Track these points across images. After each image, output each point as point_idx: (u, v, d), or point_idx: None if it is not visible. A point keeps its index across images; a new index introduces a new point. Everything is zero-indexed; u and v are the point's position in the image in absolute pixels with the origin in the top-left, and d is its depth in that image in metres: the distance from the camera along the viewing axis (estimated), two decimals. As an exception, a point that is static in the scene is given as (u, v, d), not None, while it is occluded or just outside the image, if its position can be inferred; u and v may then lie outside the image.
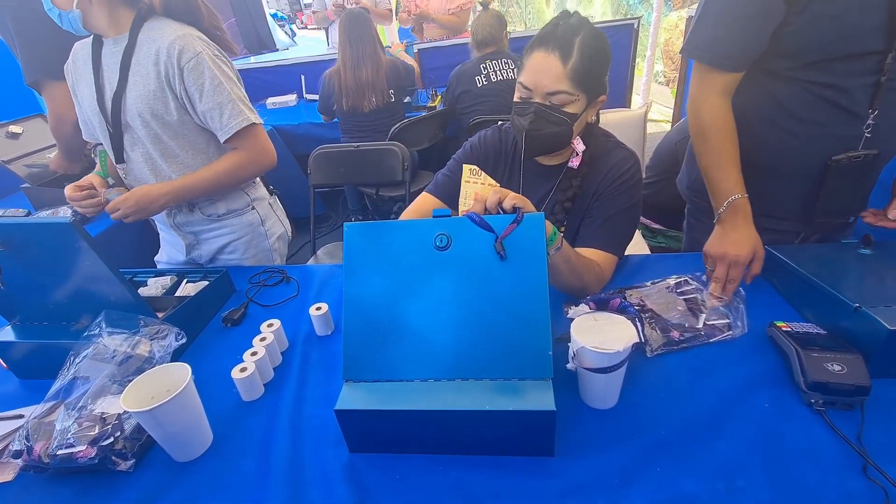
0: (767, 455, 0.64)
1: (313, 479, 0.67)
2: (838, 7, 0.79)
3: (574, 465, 0.65)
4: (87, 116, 1.19)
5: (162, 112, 1.12)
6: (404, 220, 0.75)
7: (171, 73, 1.08)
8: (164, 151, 1.17)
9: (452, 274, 0.70)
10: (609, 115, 1.85)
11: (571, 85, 0.88)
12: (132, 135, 1.16)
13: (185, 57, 1.07)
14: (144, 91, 1.10)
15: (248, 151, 1.20)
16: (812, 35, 0.83)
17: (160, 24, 1.11)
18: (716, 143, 0.94)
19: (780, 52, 0.87)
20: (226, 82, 1.13)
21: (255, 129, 1.19)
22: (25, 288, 0.90)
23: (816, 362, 0.69)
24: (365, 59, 2.37)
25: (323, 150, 1.88)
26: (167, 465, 0.72)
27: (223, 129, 1.14)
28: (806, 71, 0.87)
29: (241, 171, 1.22)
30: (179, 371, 0.70)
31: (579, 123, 0.95)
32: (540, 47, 0.90)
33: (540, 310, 0.67)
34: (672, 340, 0.83)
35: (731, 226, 0.93)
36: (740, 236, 0.91)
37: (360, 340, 0.71)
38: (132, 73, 1.10)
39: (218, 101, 1.11)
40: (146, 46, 1.09)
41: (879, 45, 0.81)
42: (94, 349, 0.78)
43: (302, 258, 2.71)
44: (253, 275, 1.21)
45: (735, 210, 0.92)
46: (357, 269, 0.72)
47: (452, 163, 1.13)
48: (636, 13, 5.51)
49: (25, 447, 0.69)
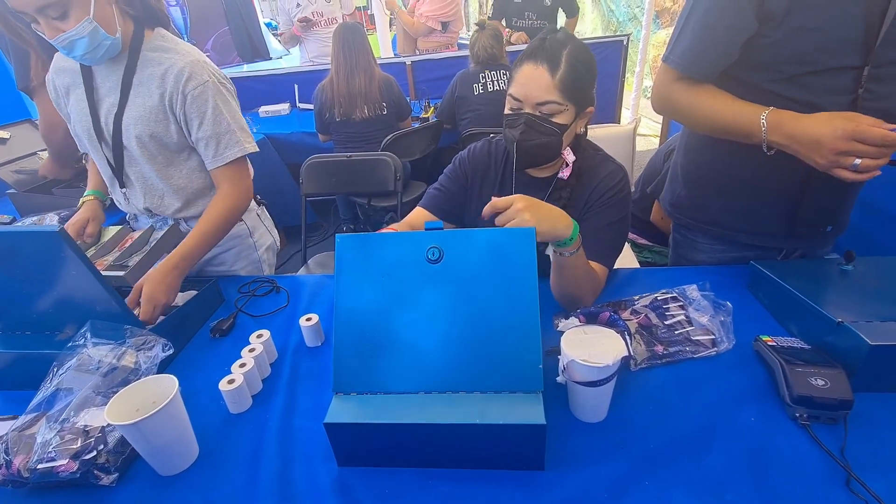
0: (754, 469, 0.64)
1: (302, 493, 0.67)
2: (816, 20, 0.80)
3: (564, 479, 0.65)
4: (77, 132, 1.16)
5: (161, 134, 1.11)
6: (396, 233, 0.76)
7: (174, 97, 1.08)
8: (159, 171, 1.16)
9: (444, 287, 0.70)
10: (599, 131, 1.88)
11: (560, 95, 0.91)
12: (128, 154, 1.14)
13: (192, 84, 1.07)
14: (144, 112, 1.08)
15: (233, 190, 1.18)
16: (790, 48, 0.84)
17: (163, 42, 1.10)
18: (705, 100, 0.91)
19: (758, 64, 0.88)
20: (226, 112, 1.12)
21: (244, 161, 1.19)
22: (8, 297, 0.88)
23: (801, 377, 0.71)
24: (358, 68, 2.39)
25: (315, 159, 1.88)
26: (151, 480, 0.70)
27: (215, 157, 1.14)
28: (784, 85, 0.88)
29: (234, 215, 1.20)
30: (166, 383, 0.69)
31: (569, 134, 0.96)
32: (528, 60, 0.92)
33: (530, 324, 0.67)
34: (656, 355, 0.84)
35: (791, 138, 0.81)
36: (811, 130, 0.78)
37: (350, 353, 0.70)
38: (133, 93, 1.08)
39: (216, 132, 1.12)
40: (150, 67, 1.07)
41: (856, 61, 0.82)
42: (78, 360, 0.77)
43: (292, 267, 2.70)
44: (242, 285, 1.20)
45: (776, 125, 0.82)
46: (349, 281, 0.72)
47: (444, 177, 1.14)
48: (626, 30, 5.64)
49: (4, 461, 0.67)
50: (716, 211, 1.10)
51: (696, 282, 0.99)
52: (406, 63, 3.31)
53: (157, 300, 0.98)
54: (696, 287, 0.98)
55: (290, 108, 3.29)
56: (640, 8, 5.18)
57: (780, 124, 0.82)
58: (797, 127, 0.80)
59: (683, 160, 1.15)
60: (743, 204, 0.99)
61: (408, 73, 3.32)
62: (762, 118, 0.83)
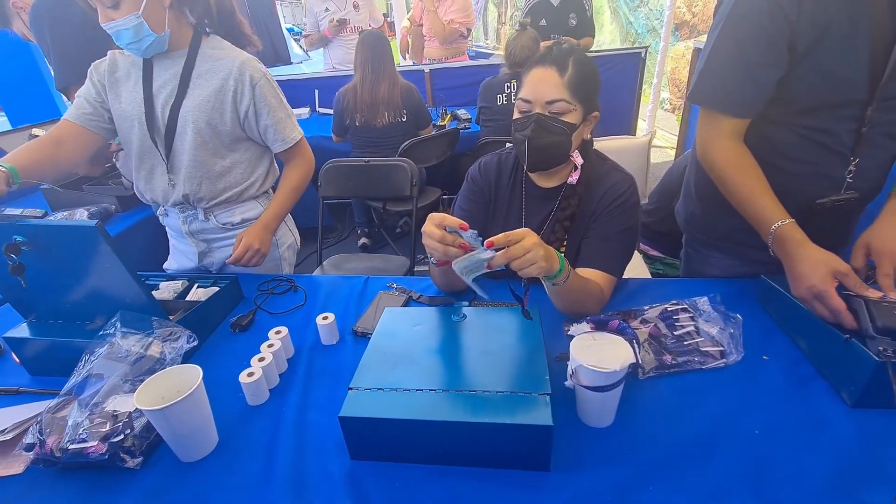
0: (758, 479, 0.65)
1: (315, 484, 0.69)
2: (829, 64, 0.85)
3: (569, 481, 0.67)
4: (123, 121, 1.22)
5: (217, 122, 1.22)
6: (432, 308, 0.93)
7: (239, 89, 1.20)
8: (206, 159, 1.25)
9: (465, 332, 0.85)
10: (614, 142, 1.89)
11: (569, 94, 0.95)
12: (179, 142, 1.23)
13: (257, 77, 1.21)
14: (202, 101, 1.19)
15: (304, 161, 1.37)
16: (803, 86, 0.89)
17: (220, 43, 1.23)
18: (738, 180, 0.95)
19: (775, 100, 0.92)
20: (284, 101, 1.29)
21: (304, 140, 1.36)
22: (44, 287, 0.93)
23: (886, 310, 0.72)
24: (384, 77, 2.43)
25: (334, 163, 1.93)
26: (173, 465, 0.74)
27: (284, 140, 1.29)
28: (797, 117, 0.93)
29: (305, 182, 1.38)
30: (191, 372, 0.73)
31: (577, 136, 0.99)
32: (537, 65, 0.98)
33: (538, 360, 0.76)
34: (664, 364, 0.85)
35: (789, 258, 0.88)
36: (803, 267, 0.84)
37: (373, 364, 0.78)
38: (192, 85, 1.20)
39: (279, 118, 1.27)
40: (208, 62, 1.20)
41: (862, 96, 0.87)
42: (108, 348, 0.81)
43: (307, 269, 2.74)
44: (261, 283, 1.24)
45: (782, 240, 0.88)
46: (388, 321, 0.89)
47: (462, 200, 1.15)
48: (644, 42, 5.64)
49: (38, 440, 0.71)
50: (726, 227, 1.11)
51: (707, 294, 1.01)
52: (425, 71, 3.37)
53: (252, 247, 1.25)
54: (707, 299, 0.99)
55: (309, 112, 3.37)
56: (660, 20, 5.18)
57: (784, 243, 0.88)
58: (795, 254, 0.87)
59: (696, 177, 1.16)
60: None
61: (426, 80, 3.38)
62: (774, 227, 0.89)
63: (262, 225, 1.30)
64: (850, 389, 0.75)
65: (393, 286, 1.17)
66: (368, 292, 1.18)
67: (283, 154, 1.34)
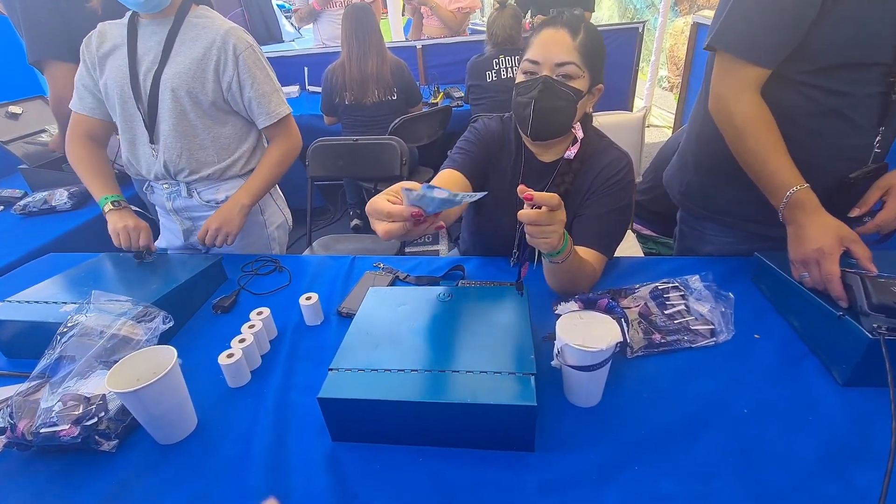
0: (743, 460, 0.64)
1: (295, 465, 0.68)
2: (861, 11, 0.80)
3: (553, 461, 0.66)
4: (109, 93, 1.19)
5: (197, 91, 1.18)
6: (418, 288, 0.92)
7: (222, 59, 1.16)
8: (184, 129, 1.21)
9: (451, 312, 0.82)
10: (608, 117, 1.85)
11: (580, 58, 0.91)
12: (161, 110, 1.19)
13: (241, 46, 1.17)
14: (183, 69, 1.16)
15: (288, 138, 1.31)
16: (832, 37, 0.83)
17: (207, 12, 1.20)
18: (759, 136, 0.89)
19: (796, 54, 0.86)
20: (271, 74, 1.25)
21: (291, 117, 1.30)
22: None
23: (881, 286, 0.70)
24: (371, 51, 2.36)
25: (321, 142, 1.88)
26: (150, 448, 0.72)
27: (269, 114, 1.24)
28: (815, 76, 0.87)
29: (286, 160, 1.32)
30: (165, 354, 0.71)
31: (581, 106, 0.96)
32: (548, 26, 0.93)
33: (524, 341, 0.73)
34: (653, 343, 0.84)
35: (799, 223, 0.85)
36: (813, 231, 0.83)
37: (355, 345, 0.76)
38: (174, 52, 1.16)
39: (265, 91, 1.22)
40: (193, 31, 1.17)
41: (887, 58, 0.83)
42: (81, 329, 0.79)
43: (298, 250, 2.71)
44: (245, 263, 1.21)
45: (796, 205, 0.86)
46: (372, 301, 0.87)
47: (465, 142, 1.08)
48: (642, 17, 5.52)
49: (9, 424, 0.69)
50: (727, 200, 1.08)
51: (700, 272, 0.99)
52: (416, 47, 3.28)
53: (210, 226, 1.21)
54: (699, 277, 0.97)
55: (299, 90, 3.28)
56: (659, -5, 5.05)
57: (798, 207, 0.85)
58: (807, 219, 0.84)
59: (695, 148, 1.13)
60: (756, 194, 0.98)
61: (418, 57, 3.29)
62: (792, 191, 0.85)
63: (232, 203, 1.24)
64: (842, 368, 0.73)
65: (380, 266, 1.15)
66: (355, 273, 1.16)
67: (269, 130, 1.29)
